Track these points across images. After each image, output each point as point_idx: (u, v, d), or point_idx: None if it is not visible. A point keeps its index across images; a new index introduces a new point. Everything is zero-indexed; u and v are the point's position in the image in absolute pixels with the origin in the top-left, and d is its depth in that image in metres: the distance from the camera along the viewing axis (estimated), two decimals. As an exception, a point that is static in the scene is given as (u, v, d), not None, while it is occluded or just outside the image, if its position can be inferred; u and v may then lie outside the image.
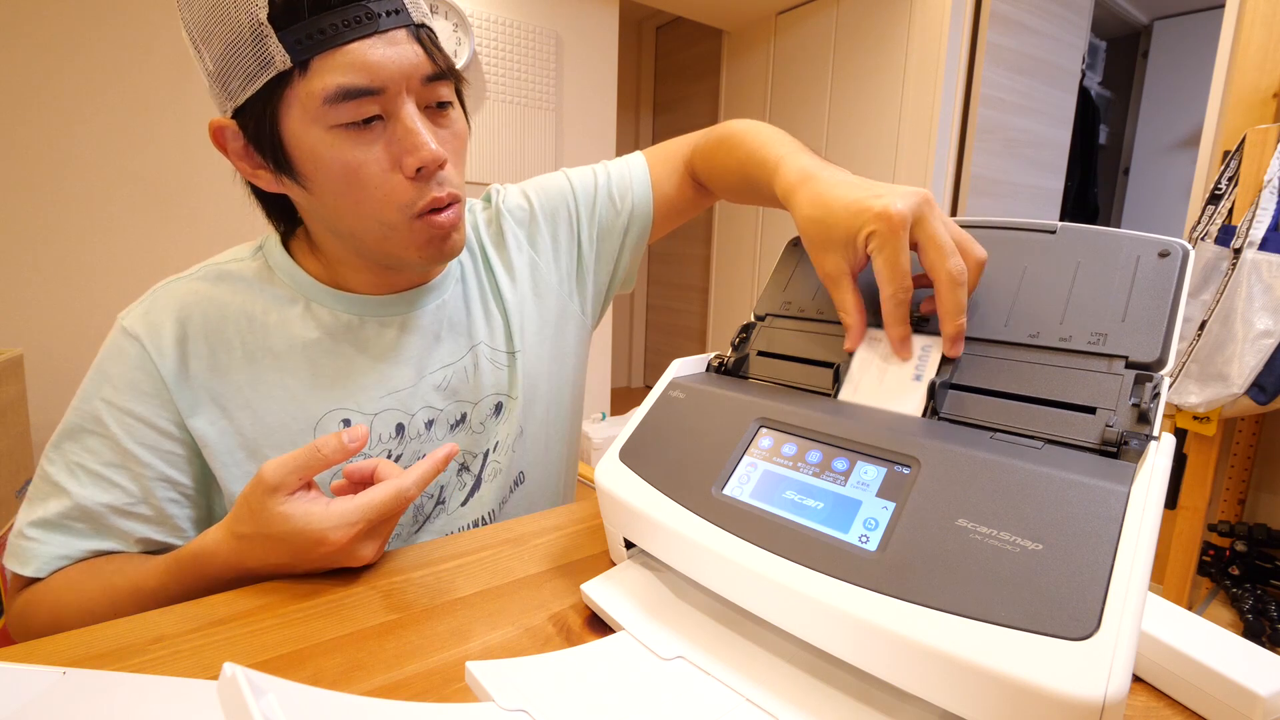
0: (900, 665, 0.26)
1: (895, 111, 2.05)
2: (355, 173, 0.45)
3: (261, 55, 0.41)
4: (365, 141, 0.44)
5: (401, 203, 0.46)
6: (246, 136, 0.45)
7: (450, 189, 0.48)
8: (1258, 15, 1.34)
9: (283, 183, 0.47)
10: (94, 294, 1.48)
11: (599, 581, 0.38)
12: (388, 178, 0.45)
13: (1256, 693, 0.28)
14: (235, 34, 0.41)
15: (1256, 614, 1.31)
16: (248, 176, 0.48)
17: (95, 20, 1.42)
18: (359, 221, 0.47)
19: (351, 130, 0.44)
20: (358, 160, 0.44)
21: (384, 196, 0.46)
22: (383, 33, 0.43)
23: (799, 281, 0.46)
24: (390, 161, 0.45)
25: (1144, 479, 0.25)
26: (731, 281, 2.79)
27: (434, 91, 0.46)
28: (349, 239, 0.49)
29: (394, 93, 0.44)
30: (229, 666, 0.20)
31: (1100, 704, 0.21)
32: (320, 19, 0.41)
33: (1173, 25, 2.98)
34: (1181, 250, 0.33)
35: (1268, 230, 1.22)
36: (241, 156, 0.47)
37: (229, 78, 0.43)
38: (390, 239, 0.48)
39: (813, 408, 0.36)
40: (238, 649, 0.34)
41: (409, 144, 0.44)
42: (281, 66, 0.41)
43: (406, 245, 0.48)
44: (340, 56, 0.42)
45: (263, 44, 0.41)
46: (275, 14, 0.40)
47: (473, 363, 0.58)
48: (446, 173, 0.47)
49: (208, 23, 0.42)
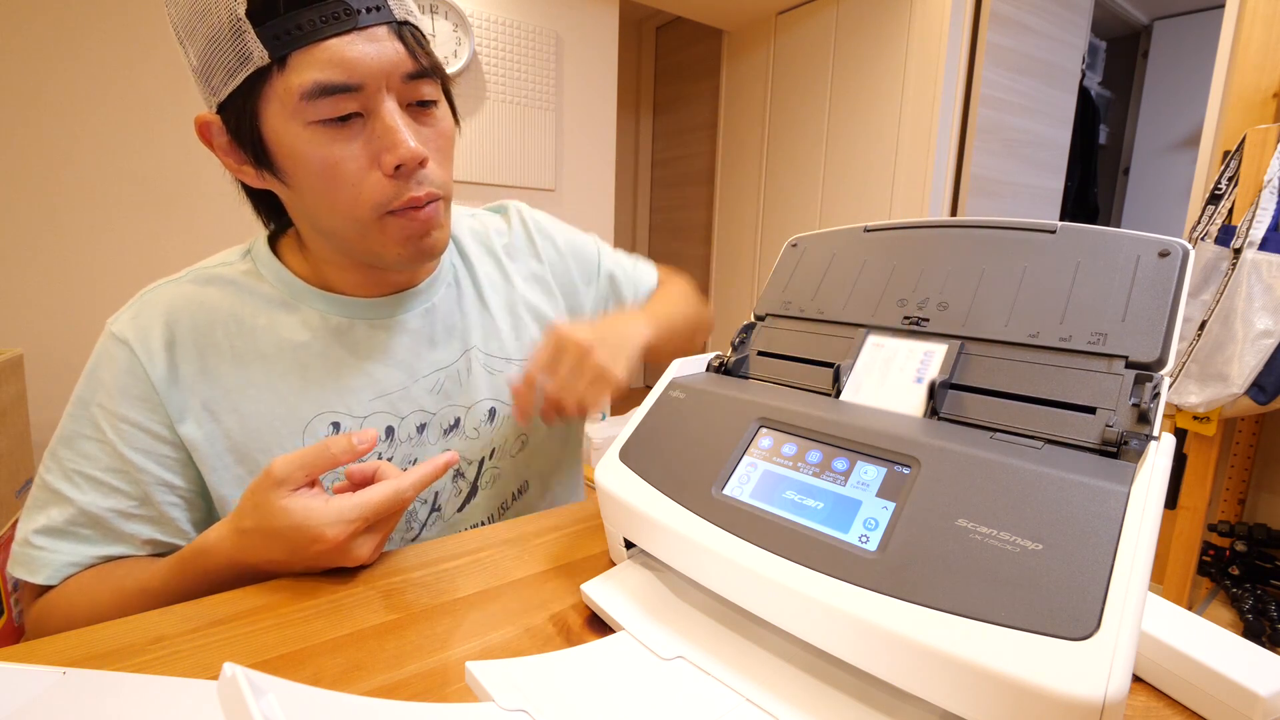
0: (900, 665, 0.26)
1: (895, 111, 2.05)
2: (333, 169, 0.44)
3: (240, 51, 0.41)
4: (344, 138, 0.44)
5: (378, 200, 0.46)
6: (229, 132, 0.45)
7: (430, 187, 0.47)
8: (1258, 15, 1.34)
9: (264, 178, 0.47)
10: (94, 294, 1.48)
11: (599, 581, 0.38)
12: (365, 175, 0.45)
13: (1256, 693, 0.28)
14: (216, 29, 0.41)
15: (1256, 614, 1.31)
16: (233, 172, 0.49)
17: (95, 20, 1.42)
18: (336, 219, 0.47)
19: (330, 127, 0.43)
20: (335, 157, 0.44)
21: (361, 194, 0.45)
22: (362, 29, 0.43)
23: (799, 281, 0.46)
24: (369, 159, 0.45)
25: (1144, 479, 0.25)
26: (731, 281, 2.79)
27: (416, 89, 0.46)
28: (331, 237, 0.49)
29: (373, 89, 0.44)
30: (229, 666, 0.20)
31: (1100, 704, 0.21)
32: (298, 14, 0.41)
33: (1173, 25, 2.97)
34: (1181, 250, 0.33)
35: (1268, 230, 1.22)
36: (226, 152, 0.47)
37: (211, 73, 0.43)
38: (368, 236, 0.48)
39: (813, 408, 0.36)
40: (238, 649, 0.34)
41: (388, 141, 0.44)
42: (260, 62, 0.41)
43: (384, 242, 0.48)
44: (318, 52, 0.41)
45: (241, 39, 0.41)
46: (253, 9, 0.40)
47: (466, 367, 0.58)
48: (428, 171, 0.47)
49: (190, 18, 0.42)
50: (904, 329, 0.39)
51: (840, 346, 0.41)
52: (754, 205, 2.62)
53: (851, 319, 0.41)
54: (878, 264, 0.42)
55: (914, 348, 0.38)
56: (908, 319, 0.39)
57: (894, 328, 0.39)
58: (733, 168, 2.73)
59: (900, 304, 0.40)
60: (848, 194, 2.21)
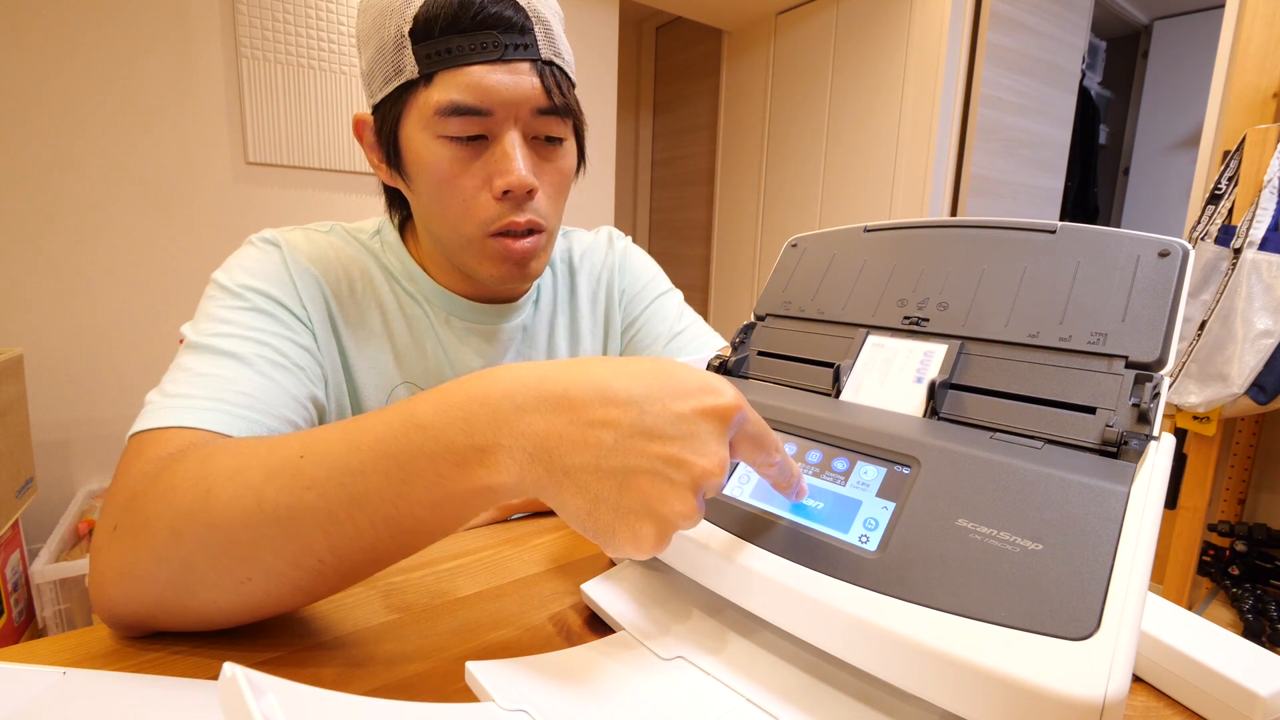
0: (900, 665, 0.26)
1: (895, 111, 2.05)
2: (449, 182, 0.48)
3: (398, 63, 0.47)
4: (465, 157, 0.48)
5: (481, 219, 0.49)
6: (375, 131, 0.51)
7: (533, 216, 0.50)
8: (1258, 15, 1.34)
9: (394, 178, 0.52)
10: (94, 294, 1.48)
11: (599, 581, 0.38)
12: (476, 194, 0.49)
13: (1256, 693, 0.28)
14: (384, 42, 0.47)
15: (1256, 614, 1.31)
16: (372, 167, 0.54)
17: (95, 20, 1.42)
18: (445, 228, 0.51)
19: (456, 144, 0.47)
20: (454, 172, 0.48)
21: (468, 210, 0.49)
22: (506, 62, 0.46)
23: (799, 281, 0.46)
24: (483, 180, 0.49)
25: (1144, 479, 0.25)
26: (731, 281, 2.79)
27: (544, 124, 0.49)
28: (438, 241, 0.54)
29: (501, 117, 0.47)
30: (229, 666, 0.20)
31: (1100, 704, 0.21)
32: (450, 39, 0.45)
33: (1173, 25, 2.97)
34: (1181, 250, 0.33)
35: (1268, 230, 1.22)
36: (371, 148, 0.53)
37: (373, 77, 0.49)
38: (469, 251, 0.51)
39: (813, 407, 0.36)
40: (238, 649, 0.34)
41: (502, 167, 0.48)
42: (410, 75, 0.46)
43: (479, 260, 0.52)
44: (461, 76, 0.45)
45: (401, 54, 0.46)
46: (415, 30, 0.45)
47: None
48: (536, 202, 0.50)
49: (370, 29, 0.48)
50: (904, 329, 0.39)
51: (840, 346, 0.41)
52: (754, 205, 2.62)
53: (851, 319, 0.41)
54: (878, 264, 0.42)
55: (914, 348, 0.38)
56: (908, 319, 0.39)
57: (894, 328, 0.39)
58: (733, 168, 2.72)
59: (900, 304, 0.40)
60: (848, 194, 2.21)
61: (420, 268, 0.58)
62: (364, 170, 1.78)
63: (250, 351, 0.44)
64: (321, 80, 1.68)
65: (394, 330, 0.56)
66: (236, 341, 0.44)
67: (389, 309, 0.56)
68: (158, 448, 0.36)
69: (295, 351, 0.47)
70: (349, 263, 0.55)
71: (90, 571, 0.33)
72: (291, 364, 0.46)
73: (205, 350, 0.43)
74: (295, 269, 0.51)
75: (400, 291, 0.57)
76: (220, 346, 0.43)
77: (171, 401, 0.39)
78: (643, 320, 0.68)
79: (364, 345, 0.55)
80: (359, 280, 0.55)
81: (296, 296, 0.50)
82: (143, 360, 1.53)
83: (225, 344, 0.43)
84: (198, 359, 0.42)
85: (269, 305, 0.48)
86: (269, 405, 0.42)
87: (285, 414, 0.43)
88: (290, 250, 0.52)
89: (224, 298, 0.47)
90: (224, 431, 0.38)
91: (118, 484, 0.35)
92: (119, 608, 0.32)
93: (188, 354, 0.43)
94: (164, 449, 0.36)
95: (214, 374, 0.41)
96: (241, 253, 0.51)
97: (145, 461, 0.35)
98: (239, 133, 1.60)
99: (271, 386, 0.43)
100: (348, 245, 0.56)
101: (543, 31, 0.48)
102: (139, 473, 0.34)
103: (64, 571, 1.19)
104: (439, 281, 0.58)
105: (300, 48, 1.65)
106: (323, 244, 0.55)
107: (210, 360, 0.42)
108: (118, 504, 0.34)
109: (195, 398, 0.39)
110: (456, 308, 0.58)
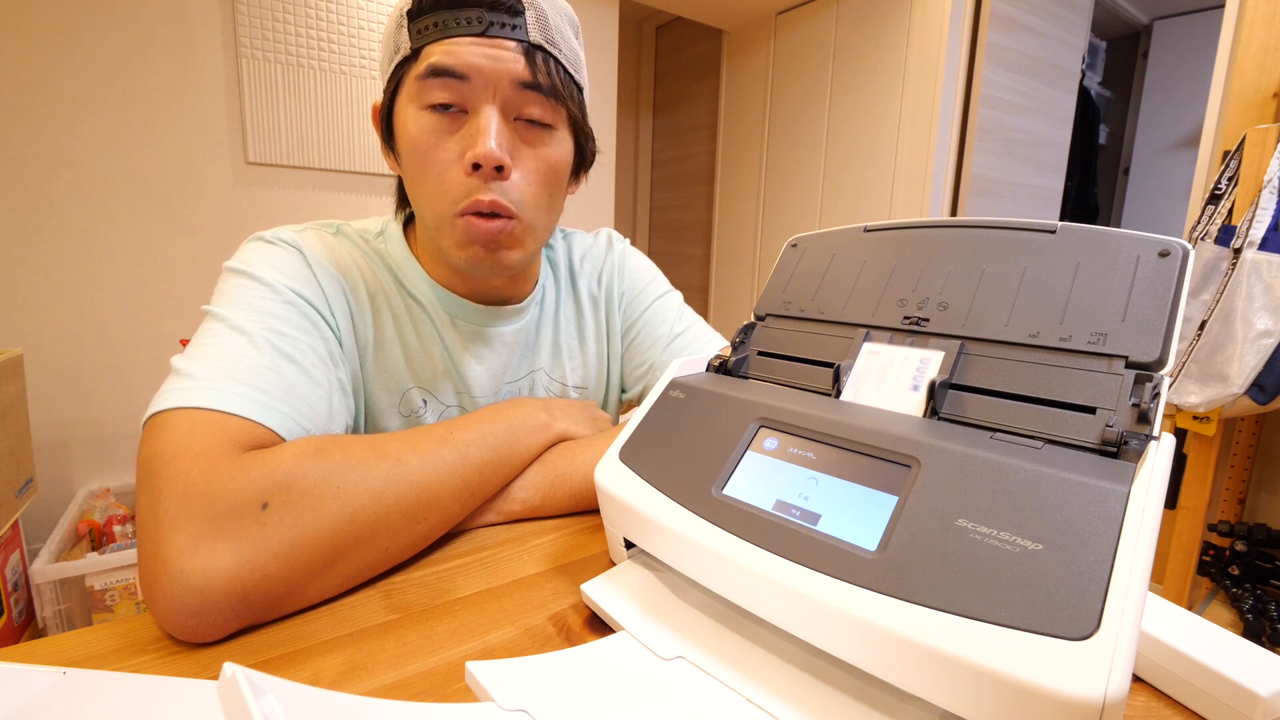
0: (900, 665, 0.25)
1: (895, 111, 2.05)
2: (427, 154, 0.48)
3: (397, 42, 0.48)
4: (444, 129, 0.48)
5: (453, 195, 0.48)
6: (380, 115, 0.52)
7: (497, 198, 0.48)
8: (1258, 15, 1.34)
9: (391, 160, 0.53)
10: (94, 294, 1.48)
11: (599, 581, 0.38)
12: (449, 167, 0.48)
13: (1256, 693, 0.28)
14: (391, 26, 0.49)
15: (1256, 614, 1.31)
16: (384, 155, 0.55)
17: (95, 20, 1.42)
18: (425, 206, 0.51)
19: (435, 114, 0.47)
20: (431, 144, 0.48)
21: (442, 184, 0.49)
22: (490, 38, 0.46)
23: (799, 282, 0.46)
24: (458, 153, 0.48)
25: (1144, 479, 0.25)
26: (731, 281, 2.79)
27: (526, 100, 0.48)
28: (424, 226, 0.53)
29: (479, 86, 0.47)
30: (229, 666, 0.20)
31: (1100, 704, 0.21)
32: (440, 14, 0.46)
33: (1173, 25, 2.97)
34: (1181, 250, 0.33)
35: (1268, 230, 1.22)
36: (378, 133, 0.54)
37: (383, 62, 0.51)
38: (442, 231, 0.51)
39: (813, 408, 0.36)
40: (238, 649, 0.34)
41: (474, 139, 0.47)
42: (405, 52, 0.47)
43: (451, 241, 0.51)
44: (445, 44, 0.46)
45: (400, 33, 0.48)
46: (412, 8, 0.47)
47: (529, 386, 0.63)
48: (509, 185, 0.49)
49: (390, 22, 0.49)
50: (904, 329, 0.39)
51: (840, 347, 0.41)
52: (754, 205, 2.62)
53: (851, 319, 0.41)
54: (878, 264, 0.42)
55: (909, 355, 0.38)
56: (908, 319, 0.39)
57: (894, 328, 0.39)
58: (732, 168, 2.72)
59: (900, 304, 0.40)
60: (848, 194, 2.21)
61: (421, 267, 0.58)
62: (364, 170, 1.78)
63: (308, 362, 0.46)
64: (321, 80, 1.69)
65: (405, 335, 0.57)
66: (289, 341, 0.45)
67: (399, 314, 0.57)
68: (245, 438, 0.38)
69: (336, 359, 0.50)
70: (363, 268, 0.56)
71: (190, 562, 0.33)
72: (337, 383, 0.49)
73: (265, 346, 0.43)
74: (321, 274, 0.51)
75: (406, 296, 0.57)
76: (280, 347, 0.44)
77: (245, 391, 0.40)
78: (642, 322, 0.68)
79: (379, 350, 0.56)
80: (373, 286, 0.56)
81: (325, 301, 0.51)
82: (143, 360, 1.53)
83: (281, 343, 0.45)
84: (258, 353, 0.43)
85: (309, 310, 0.48)
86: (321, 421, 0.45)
87: (331, 428, 0.47)
88: (312, 254, 0.52)
89: (265, 292, 0.46)
90: (285, 438, 0.41)
91: (236, 468, 0.36)
92: (240, 584, 0.33)
93: (239, 339, 0.43)
94: (250, 439, 0.38)
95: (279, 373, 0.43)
96: (263, 250, 0.50)
97: (262, 452, 0.37)
98: (239, 133, 1.60)
99: (325, 403, 0.46)
100: (357, 250, 0.56)
101: (535, 18, 0.47)
102: (277, 460, 0.37)
103: (64, 571, 1.19)
104: (439, 281, 0.58)
105: (300, 48, 1.65)
106: (337, 248, 0.55)
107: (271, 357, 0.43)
108: (271, 483, 0.36)
109: (271, 394, 0.41)
110: (460, 310, 0.58)
